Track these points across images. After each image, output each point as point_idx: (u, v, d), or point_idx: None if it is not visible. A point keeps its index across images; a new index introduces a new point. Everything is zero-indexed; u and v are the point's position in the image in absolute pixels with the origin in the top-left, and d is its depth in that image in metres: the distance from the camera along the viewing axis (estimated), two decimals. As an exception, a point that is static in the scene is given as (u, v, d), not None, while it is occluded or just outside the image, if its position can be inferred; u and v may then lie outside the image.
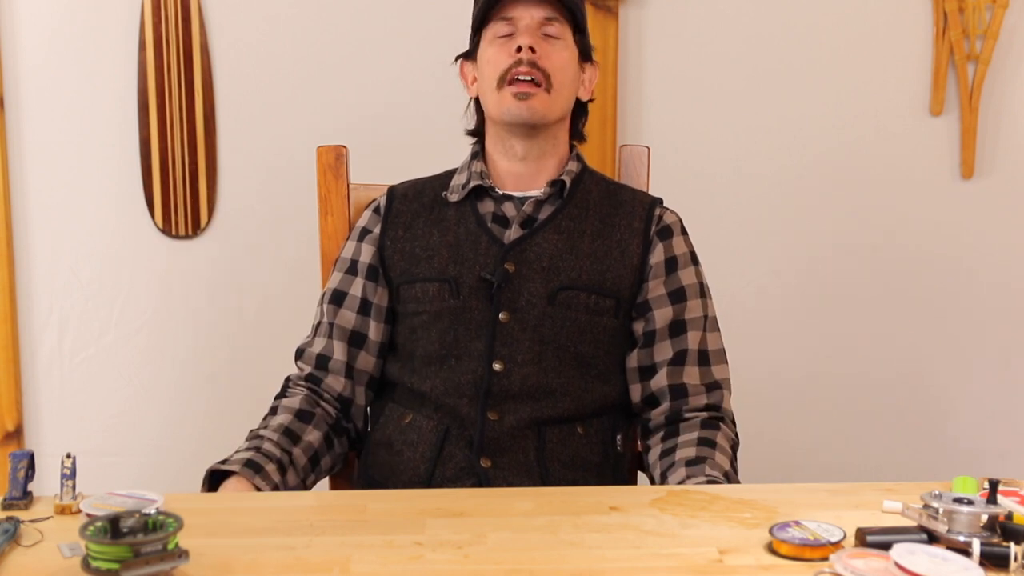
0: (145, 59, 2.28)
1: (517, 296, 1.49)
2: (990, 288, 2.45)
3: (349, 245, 1.61)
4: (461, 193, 1.55)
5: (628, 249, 1.53)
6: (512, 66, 1.51)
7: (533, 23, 1.52)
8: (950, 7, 2.32)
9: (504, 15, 1.53)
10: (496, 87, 1.52)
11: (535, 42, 1.51)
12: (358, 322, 1.57)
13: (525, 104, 1.50)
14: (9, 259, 2.32)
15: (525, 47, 1.50)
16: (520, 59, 1.50)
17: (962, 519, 1.05)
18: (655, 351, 1.53)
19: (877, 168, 2.40)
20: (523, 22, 1.52)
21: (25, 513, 1.16)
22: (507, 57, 1.51)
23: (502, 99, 1.52)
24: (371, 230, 1.60)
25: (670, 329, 1.53)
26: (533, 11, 1.52)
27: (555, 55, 1.52)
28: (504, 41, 1.53)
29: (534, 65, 1.50)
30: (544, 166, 1.56)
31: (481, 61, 1.56)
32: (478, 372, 1.48)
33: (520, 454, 1.47)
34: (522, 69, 1.50)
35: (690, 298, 1.54)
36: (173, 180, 2.31)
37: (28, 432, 2.38)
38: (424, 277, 1.53)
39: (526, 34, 1.51)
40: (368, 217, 1.62)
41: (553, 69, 1.51)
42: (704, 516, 1.18)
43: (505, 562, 1.04)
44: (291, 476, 1.44)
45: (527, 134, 1.53)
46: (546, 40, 1.52)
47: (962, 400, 2.48)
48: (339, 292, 1.58)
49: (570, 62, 1.55)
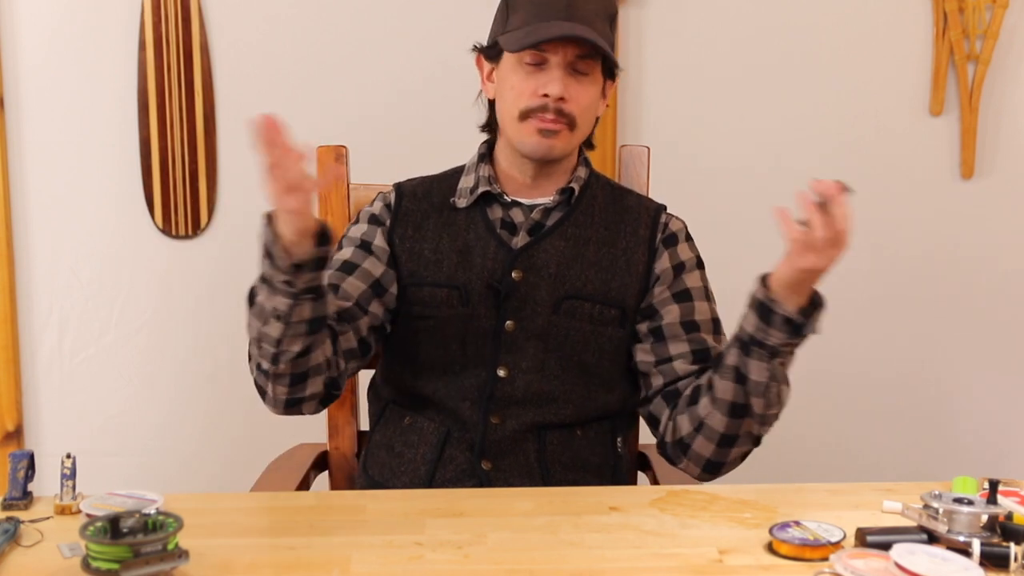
0: (145, 59, 2.28)
1: (523, 304, 1.48)
2: (990, 288, 2.45)
3: (359, 226, 1.55)
4: (470, 198, 1.53)
5: (633, 258, 1.52)
6: (537, 108, 1.45)
7: (566, 62, 1.45)
8: (950, 7, 2.33)
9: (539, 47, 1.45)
10: (518, 118, 1.47)
11: (564, 88, 1.45)
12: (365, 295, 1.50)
13: (548, 143, 1.46)
14: (9, 259, 2.32)
15: (554, 96, 1.44)
16: (547, 105, 1.45)
17: (962, 519, 1.05)
18: (670, 345, 1.49)
19: (877, 168, 2.40)
20: (556, 58, 1.44)
21: (25, 513, 1.16)
22: (533, 93, 1.45)
23: (523, 131, 1.47)
24: (383, 221, 1.55)
25: (684, 326, 1.50)
26: (569, 50, 1.45)
27: (583, 97, 1.47)
28: (532, 71, 1.45)
29: (560, 112, 1.45)
30: (554, 180, 1.54)
31: (503, 79, 1.50)
32: (482, 377, 1.48)
33: (521, 456, 1.47)
34: (548, 116, 1.45)
35: (696, 299, 1.52)
36: (173, 180, 2.31)
37: (28, 432, 2.38)
38: (432, 282, 1.50)
39: (557, 78, 1.44)
40: (378, 207, 1.57)
41: (579, 112, 1.47)
42: (704, 516, 1.18)
43: (505, 562, 1.04)
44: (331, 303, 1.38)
45: (538, 162, 1.51)
46: (575, 78, 1.46)
47: (962, 400, 2.48)
48: (350, 263, 1.51)
49: (594, 98, 1.49)
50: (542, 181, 1.53)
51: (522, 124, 1.47)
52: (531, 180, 1.53)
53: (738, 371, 1.36)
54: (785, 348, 1.33)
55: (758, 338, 1.32)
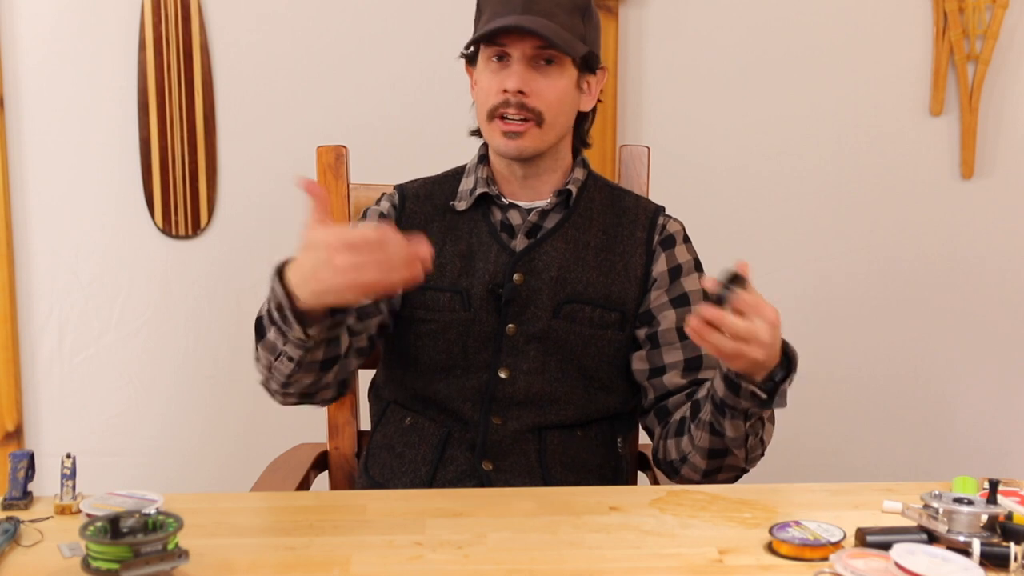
0: (145, 59, 2.28)
1: (524, 308, 1.48)
2: (990, 288, 2.45)
3: (369, 224, 1.52)
4: (469, 200, 1.53)
5: (632, 261, 1.52)
6: (500, 105, 1.44)
7: (525, 56, 1.43)
8: (950, 7, 2.33)
9: (496, 40, 1.44)
10: (487, 119, 1.47)
11: (525, 81, 1.42)
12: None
13: (514, 144, 1.45)
14: (9, 259, 2.32)
15: (513, 89, 1.42)
16: (508, 100, 1.43)
17: (962, 519, 1.05)
18: (664, 352, 1.50)
19: (877, 168, 2.40)
20: (516, 53, 1.43)
21: (25, 513, 1.16)
22: (497, 90, 1.44)
23: (492, 133, 1.47)
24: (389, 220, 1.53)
25: (679, 332, 1.50)
26: (526, 43, 1.42)
27: (548, 90, 1.44)
28: (496, 69, 1.45)
29: (523, 106, 1.43)
30: (547, 179, 1.53)
31: (477, 80, 1.50)
32: (483, 379, 1.48)
33: (522, 457, 1.47)
34: (510, 111, 1.43)
35: (694, 304, 1.52)
36: (173, 180, 2.31)
37: (28, 432, 2.38)
38: (435, 286, 1.49)
39: (516, 71, 1.42)
40: (386, 207, 1.56)
41: (545, 106, 1.44)
42: (704, 516, 1.18)
43: (505, 562, 1.04)
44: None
45: (523, 162, 1.50)
46: (540, 71, 1.43)
47: (962, 400, 2.48)
48: None
49: (566, 91, 1.46)
50: (533, 182, 1.53)
51: (490, 125, 1.47)
52: (522, 180, 1.53)
53: (713, 426, 1.37)
54: (757, 411, 1.34)
55: (728, 403, 1.33)
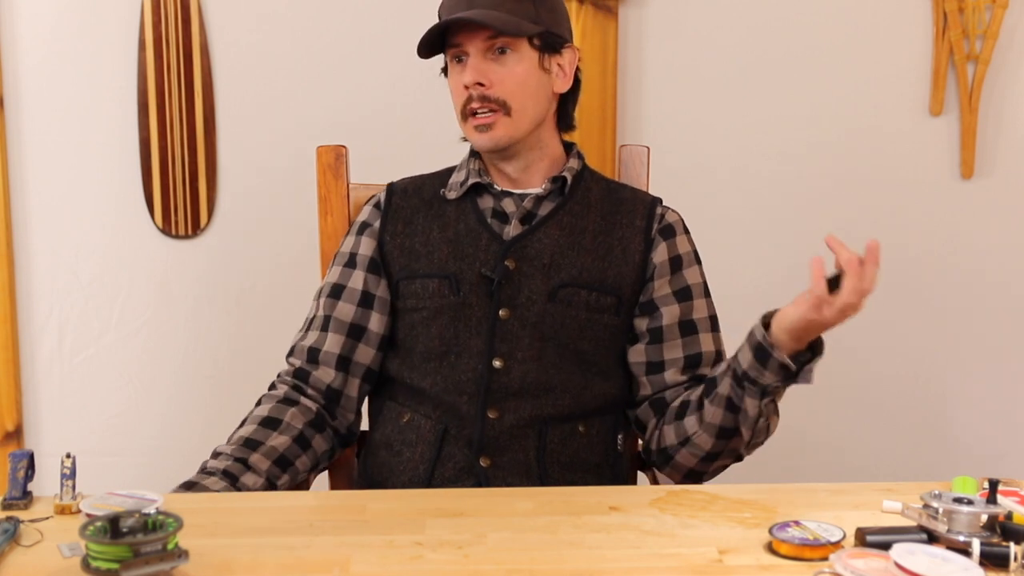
0: (145, 59, 2.28)
1: (517, 293, 1.49)
2: (990, 288, 2.45)
3: (348, 240, 1.60)
4: (460, 190, 1.55)
5: (630, 247, 1.53)
6: (467, 102, 1.48)
7: (479, 50, 1.47)
8: (950, 7, 2.32)
9: (451, 41, 1.49)
10: (462, 120, 1.51)
11: (481, 72, 1.46)
12: (358, 314, 1.55)
13: (487, 136, 1.49)
14: (9, 259, 2.32)
15: (470, 83, 1.47)
16: (471, 95, 1.47)
17: (962, 519, 1.05)
18: (665, 348, 1.52)
19: (877, 168, 2.40)
20: (471, 48, 1.47)
21: (25, 513, 1.16)
22: (460, 89, 1.49)
23: (468, 131, 1.52)
24: (371, 224, 1.58)
25: (681, 328, 1.52)
26: (477, 37, 1.46)
27: (508, 78, 1.47)
28: (459, 70, 1.49)
29: (486, 98, 1.47)
30: (537, 168, 1.55)
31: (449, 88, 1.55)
32: (478, 369, 1.48)
33: (520, 453, 1.47)
34: (475, 105, 1.48)
35: (695, 297, 1.55)
36: (173, 180, 2.31)
37: (28, 432, 2.38)
38: (424, 273, 1.52)
39: (470, 66, 1.47)
40: (368, 212, 1.60)
41: (508, 93, 1.47)
42: (704, 516, 1.18)
43: (505, 562, 1.04)
44: (248, 478, 1.41)
45: (504, 154, 1.53)
46: (496, 61, 1.47)
47: (962, 400, 2.48)
48: (338, 286, 1.56)
49: (528, 75, 1.49)
50: (523, 175, 1.55)
51: (465, 124, 1.52)
52: (512, 174, 1.55)
53: (731, 401, 1.40)
54: (777, 388, 1.38)
55: (752, 376, 1.37)
